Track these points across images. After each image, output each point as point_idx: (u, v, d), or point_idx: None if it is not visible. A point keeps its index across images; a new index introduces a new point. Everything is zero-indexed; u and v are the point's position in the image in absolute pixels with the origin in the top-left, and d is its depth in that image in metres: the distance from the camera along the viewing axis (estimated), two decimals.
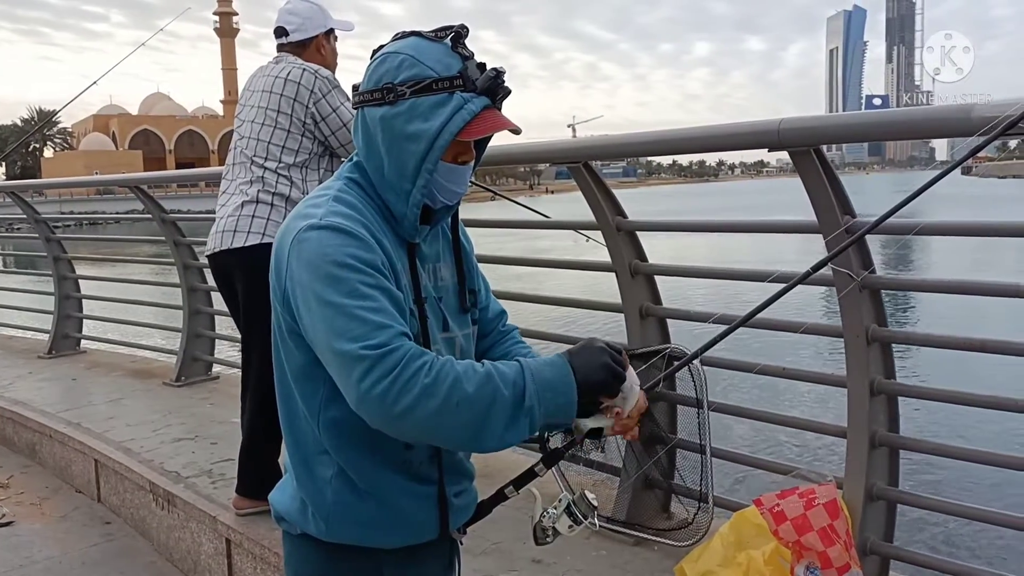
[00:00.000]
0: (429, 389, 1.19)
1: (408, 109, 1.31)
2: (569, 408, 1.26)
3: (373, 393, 1.18)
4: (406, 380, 1.18)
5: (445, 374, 1.21)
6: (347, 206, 1.33)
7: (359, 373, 1.19)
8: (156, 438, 4.34)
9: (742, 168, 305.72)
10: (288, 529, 1.49)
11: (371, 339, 1.20)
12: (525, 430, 1.24)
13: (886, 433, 2.52)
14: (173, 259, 5.58)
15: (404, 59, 1.32)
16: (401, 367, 1.19)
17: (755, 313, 1.75)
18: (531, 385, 1.24)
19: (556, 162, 2.99)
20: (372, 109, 1.34)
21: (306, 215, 1.32)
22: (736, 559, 2.45)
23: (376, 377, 1.18)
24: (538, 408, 1.23)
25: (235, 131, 3.30)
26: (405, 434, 1.25)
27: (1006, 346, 2.25)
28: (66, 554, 3.76)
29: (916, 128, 2.03)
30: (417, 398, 1.18)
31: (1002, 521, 2.52)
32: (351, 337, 1.20)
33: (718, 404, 2.91)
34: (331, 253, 1.26)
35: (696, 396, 2.89)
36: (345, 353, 1.21)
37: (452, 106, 1.30)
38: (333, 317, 1.23)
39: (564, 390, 1.26)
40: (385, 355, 1.19)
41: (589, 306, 3.75)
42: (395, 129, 1.32)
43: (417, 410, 1.19)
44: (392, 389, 1.18)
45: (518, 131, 1.38)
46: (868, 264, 2.37)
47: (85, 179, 7.52)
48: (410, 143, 1.31)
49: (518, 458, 3.62)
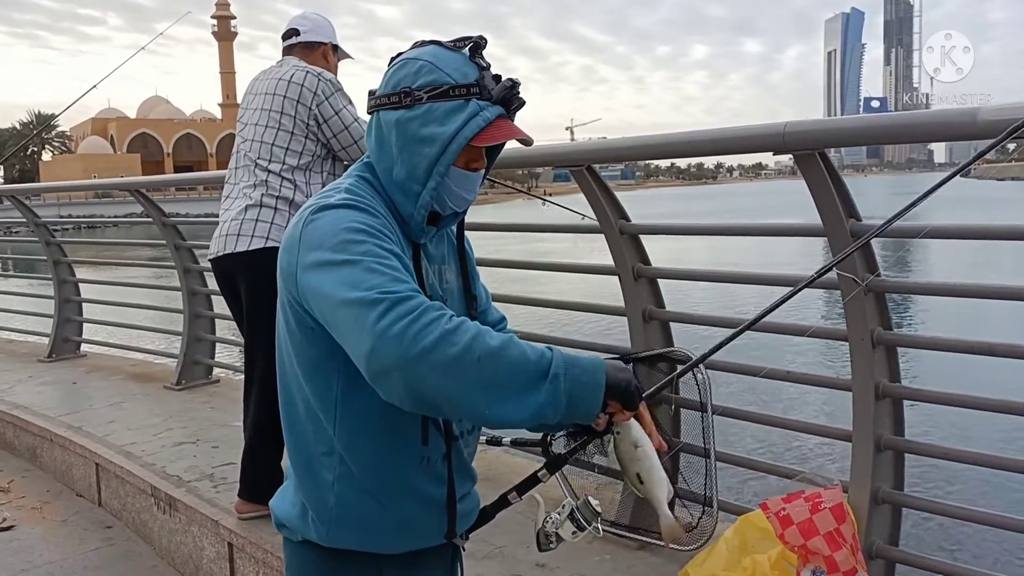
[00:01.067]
0: (451, 335, 1.14)
1: (424, 113, 1.32)
2: (595, 391, 1.21)
3: (391, 332, 1.12)
4: (426, 323, 1.14)
5: (467, 326, 1.17)
6: (358, 195, 1.34)
7: (376, 314, 1.14)
8: (157, 442, 4.33)
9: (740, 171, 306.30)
10: (289, 536, 1.49)
11: (388, 287, 1.17)
12: (548, 402, 1.17)
13: (891, 436, 2.51)
14: (173, 262, 5.57)
15: (423, 65, 1.33)
16: (421, 311, 1.15)
17: (762, 316, 1.75)
18: (558, 358, 1.20)
19: (559, 165, 2.99)
20: (388, 112, 1.35)
21: (316, 202, 1.33)
22: (741, 563, 2.44)
23: (394, 317, 1.13)
24: (563, 381, 1.17)
25: (238, 134, 3.30)
26: (420, 387, 1.13)
27: (1016, 350, 2.25)
28: (67, 559, 3.74)
29: (920, 131, 2.02)
30: (437, 341, 1.13)
31: (1008, 524, 2.51)
32: (367, 287, 1.17)
33: (722, 408, 2.90)
34: (345, 223, 1.26)
35: (700, 400, 2.88)
36: (361, 299, 1.16)
37: (468, 112, 1.31)
38: (348, 274, 1.20)
39: (592, 371, 1.21)
40: (403, 299, 1.16)
41: (592, 309, 3.74)
42: (409, 132, 1.33)
43: (437, 355, 1.12)
44: (411, 328, 1.13)
45: (530, 142, 1.39)
46: (873, 267, 2.37)
47: (85, 183, 7.53)
48: (424, 146, 1.32)
49: (521, 462, 3.62)
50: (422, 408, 1.19)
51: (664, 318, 3.09)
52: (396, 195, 1.37)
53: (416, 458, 1.39)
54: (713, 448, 2.81)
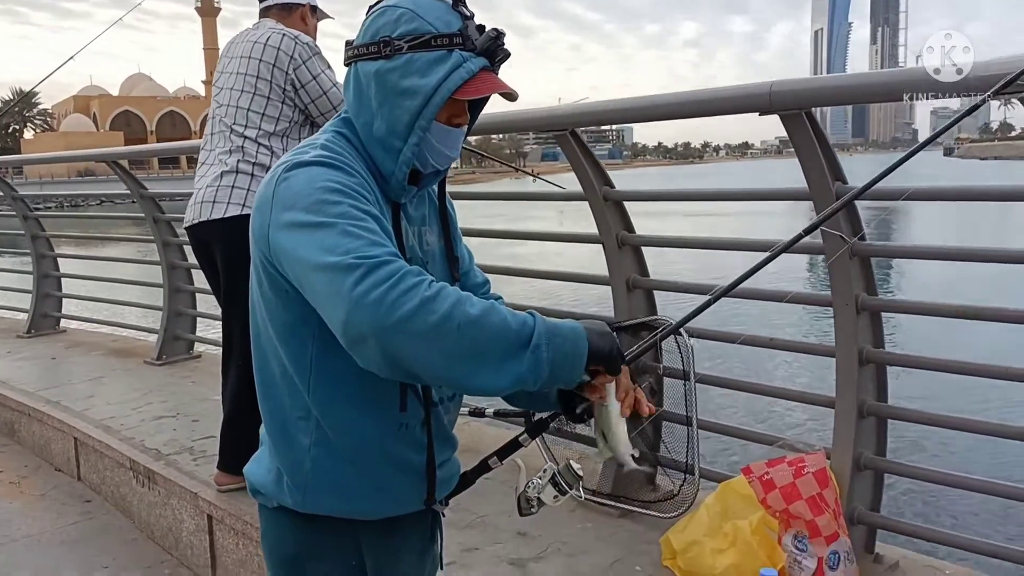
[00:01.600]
0: (430, 303, 1.08)
1: (404, 64, 1.26)
2: (578, 358, 1.17)
3: (368, 298, 1.07)
4: (405, 290, 1.08)
5: (447, 293, 1.11)
6: (334, 152, 1.28)
7: (353, 279, 1.08)
8: (136, 416, 4.28)
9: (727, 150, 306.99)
10: (264, 502, 1.44)
11: (365, 251, 1.11)
12: (529, 370, 1.13)
13: (874, 402, 2.50)
14: (152, 236, 5.49)
15: (403, 13, 1.26)
16: (399, 276, 1.09)
17: (742, 280, 1.71)
18: (540, 326, 1.15)
19: (542, 130, 2.93)
20: (366, 63, 1.29)
21: (290, 159, 1.27)
22: (722, 529, 2.43)
23: (372, 283, 1.08)
24: (545, 350, 1.13)
25: (213, 99, 3.22)
26: (398, 355, 1.09)
27: (1001, 313, 2.23)
28: (45, 532, 3.70)
29: (908, 88, 1.98)
30: (415, 309, 1.07)
31: (989, 489, 2.52)
32: (343, 251, 1.11)
33: (704, 375, 2.88)
34: (319, 181, 1.20)
35: (683, 368, 2.86)
36: (336, 264, 1.10)
37: (450, 64, 1.25)
38: (323, 236, 1.14)
39: (574, 339, 1.17)
40: (381, 264, 1.10)
41: (576, 279, 3.71)
42: (389, 84, 1.27)
43: (415, 323, 1.07)
44: (389, 295, 1.07)
45: (515, 96, 1.32)
46: (858, 231, 2.34)
47: (60, 154, 7.38)
48: (404, 99, 1.26)
49: (505, 434, 3.59)
50: (400, 376, 1.14)
51: (648, 286, 3.06)
52: (376, 151, 1.31)
53: (394, 424, 1.35)
54: (695, 416, 2.80)
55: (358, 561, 1.44)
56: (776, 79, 2.21)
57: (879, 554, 2.51)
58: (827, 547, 2.22)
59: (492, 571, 2.58)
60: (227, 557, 3.17)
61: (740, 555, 2.34)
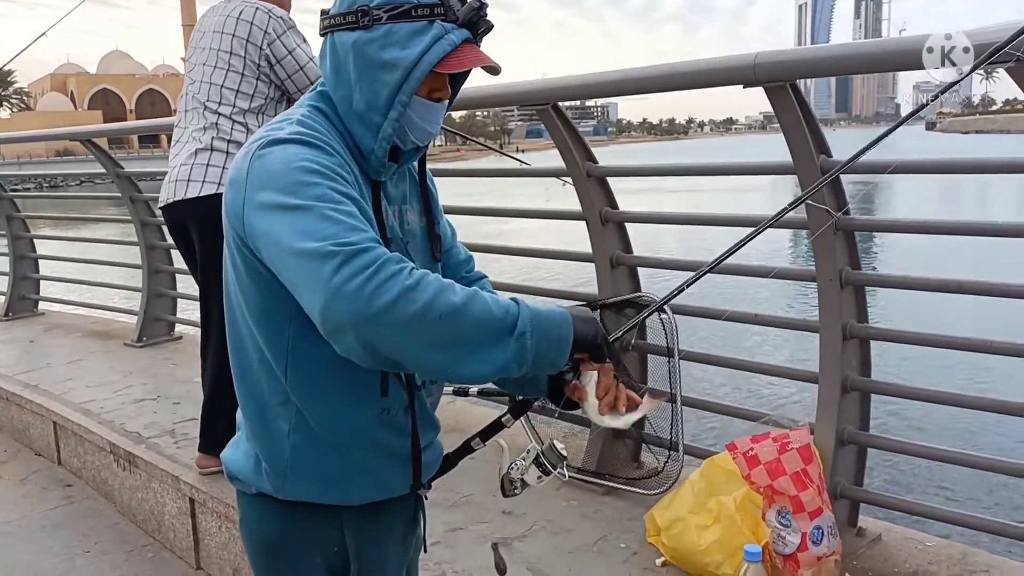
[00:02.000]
0: (410, 292, 1.05)
1: (384, 35, 1.20)
2: (563, 344, 1.15)
3: (346, 289, 1.03)
4: (384, 279, 1.04)
5: (428, 281, 1.08)
6: (311, 129, 1.23)
7: (331, 268, 1.04)
8: (117, 399, 4.23)
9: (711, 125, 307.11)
10: (242, 488, 1.41)
11: (343, 237, 1.07)
12: (513, 358, 1.10)
13: (858, 377, 2.49)
14: (130, 216, 5.41)
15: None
16: (378, 265, 1.05)
17: (727, 255, 1.68)
18: (525, 313, 1.12)
19: (524, 104, 2.88)
20: (343, 34, 1.24)
21: (265, 135, 1.21)
22: (706, 505, 2.43)
23: (350, 272, 1.04)
24: (530, 336, 1.11)
25: (187, 75, 3.15)
26: (379, 345, 1.06)
27: (984, 287, 2.22)
28: (25, 517, 3.66)
29: (893, 59, 1.95)
30: (396, 299, 1.04)
31: (971, 462, 2.53)
32: (320, 236, 1.07)
33: (688, 352, 2.86)
34: (296, 161, 1.15)
35: (667, 345, 2.85)
36: (313, 251, 1.06)
37: (432, 35, 1.20)
38: (299, 220, 1.09)
39: (559, 324, 1.15)
40: (360, 252, 1.06)
41: (559, 256, 3.67)
42: (368, 56, 1.22)
43: (396, 313, 1.04)
44: (368, 285, 1.03)
45: (498, 69, 1.27)
46: (843, 205, 2.32)
47: (33, 133, 7.23)
48: (384, 72, 1.21)
49: (490, 413, 3.58)
50: (381, 365, 1.11)
51: (632, 263, 3.03)
52: (355, 127, 1.26)
53: (375, 409, 1.31)
54: (680, 392, 2.78)
55: (340, 546, 1.41)
56: (761, 50, 2.17)
57: (862, 528, 2.52)
58: (811, 522, 2.21)
59: (477, 550, 2.56)
60: (210, 540, 3.15)
61: (724, 531, 2.34)
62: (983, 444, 5.70)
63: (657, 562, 2.45)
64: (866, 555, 2.41)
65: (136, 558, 3.34)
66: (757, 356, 7.08)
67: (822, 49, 2.18)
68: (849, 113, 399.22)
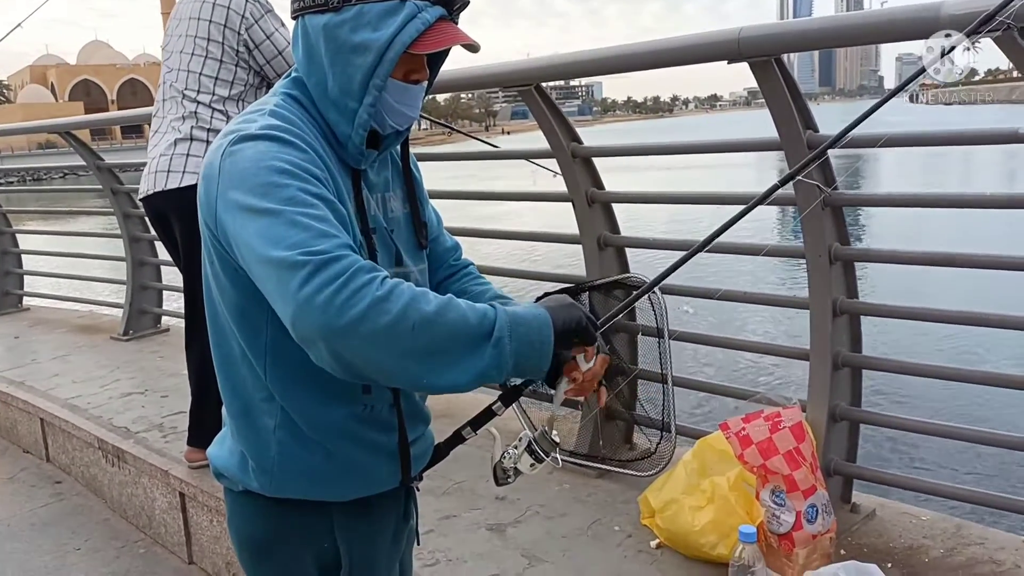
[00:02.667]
0: (381, 303, 1.01)
1: (354, 16, 1.16)
2: (544, 347, 1.11)
3: (315, 301, 1.00)
4: (355, 290, 1.01)
5: (401, 291, 1.04)
6: (285, 121, 1.18)
7: (299, 280, 1.01)
8: (104, 394, 4.19)
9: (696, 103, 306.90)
10: (229, 485, 1.37)
11: (313, 245, 1.04)
12: (492, 365, 1.07)
13: (849, 353, 2.48)
14: (112, 208, 5.34)
15: None
16: (349, 275, 1.02)
17: (717, 235, 1.65)
18: (502, 318, 1.09)
19: (507, 86, 2.84)
20: (313, 17, 1.19)
21: (238, 129, 1.17)
22: (700, 486, 2.42)
23: (319, 283, 1.01)
24: (508, 341, 1.07)
25: (164, 63, 3.09)
26: (349, 359, 1.04)
27: (973, 259, 2.21)
28: (15, 515, 3.63)
29: (881, 30, 1.92)
30: (367, 310, 1.01)
31: (963, 436, 2.53)
32: (289, 244, 1.04)
33: (678, 332, 2.85)
34: (266, 160, 1.11)
35: (656, 325, 2.83)
36: (281, 260, 1.03)
37: (404, 14, 1.15)
38: (268, 225, 1.06)
39: (538, 326, 1.11)
40: (329, 261, 1.02)
41: (546, 239, 3.64)
42: (339, 39, 1.17)
43: (366, 325, 1.01)
44: (338, 297, 1.00)
45: (476, 47, 1.23)
46: (831, 181, 2.30)
47: (10, 126, 7.14)
48: (356, 55, 1.17)
49: (481, 398, 3.55)
50: (354, 378, 1.07)
51: (619, 244, 3.01)
52: (330, 113, 1.22)
53: (358, 407, 1.28)
54: (671, 373, 2.77)
55: (330, 543, 1.38)
56: (745, 25, 2.14)
57: (856, 504, 2.52)
58: (805, 501, 2.20)
59: (470, 537, 2.55)
60: (201, 534, 3.12)
61: (718, 511, 2.33)
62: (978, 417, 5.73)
63: (652, 544, 2.44)
64: (861, 531, 2.41)
65: (128, 554, 3.31)
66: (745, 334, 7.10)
67: (807, 22, 2.15)
68: (833, 87, 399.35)
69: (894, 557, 2.27)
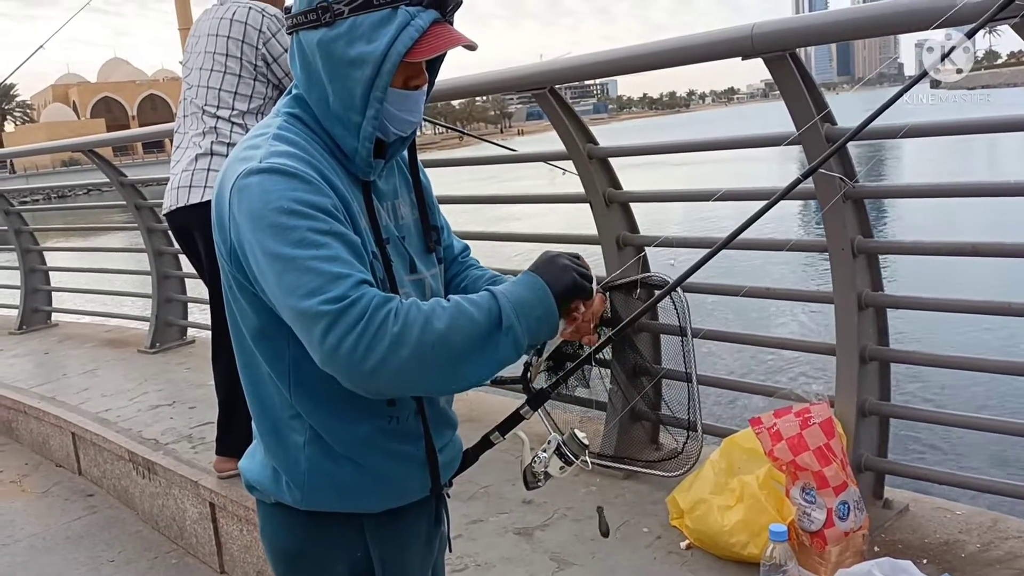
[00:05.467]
0: (399, 338, 1.07)
1: (348, 30, 1.16)
2: (550, 318, 1.18)
3: (340, 351, 1.07)
4: (373, 333, 1.07)
5: (413, 318, 1.09)
6: (289, 144, 1.19)
7: (320, 331, 1.07)
8: (133, 407, 4.24)
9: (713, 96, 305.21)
10: (261, 498, 1.39)
11: (328, 292, 1.08)
12: (510, 351, 1.14)
13: (876, 347, 2.45)
14: (136, 223, 5.40)
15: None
16: (366, 320, 1.07)
17: (738, 233, 1.63)
18: (506, 305, 1.14)
19: (520, 90, 2.84)
20: (308, 33, 1.19)
21: (245, 158, 1.18)
22: (728, 485, 2.40)
23: (340, 333, 1.07)
24: (519, 325, 1.14)
25: (184, 80, 3.12)
26: (382, 391, 1.13)
27: (999, 248, 2.17)
28: (49, 529, 3.68)
29: (897, 22, 1.90)
30: (388, 350, 1.07)
31: (995, 427, 2.48)
32: (306, 292, 1.08)
33: (702, 330, 2.83)
34: (274, 200, 1.12)
35: (679, 324, 2.81)
36: (303, 311, 1.09)
37: (397, 23, 1.15)
38: (283, 272, 1.10)
39: (540, 301, 1.17)
40: (346, 308, 1.07)
41: (564, 240, 3.64)
42: (336, 54, 1.17)
43: (390, 362, 1.08)
44: (360, 345, 1.06)
45: (474, 47, 1.22)
46: (851, 174, 2.27)
47: (34, 147, 7.25)
48: (354, 69, 1.17)
49: (503, 400, 3.56)
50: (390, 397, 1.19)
51: (638, 243, 2.99)
52: (335, 128, 1.23)
53: (383, 419, 1.29)
54: (695, 372, 2.75)
55: (363, 552, 1.38)
56: (758, 20, 2.12)
57: (888, 499, 2.48)
58: (836, 497, 2.18)
59: (498, 542, 2.55)
60: (232, 544, 3.15)
61: (748, 510, 2.31)
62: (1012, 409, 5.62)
63: (681, 545, 2.42)
64: (894, 527, 2.38)
65: (160, 565, 3.35)
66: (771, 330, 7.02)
67: (820, 16, 2.12)
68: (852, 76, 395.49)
69: (929, 553, 2.24)
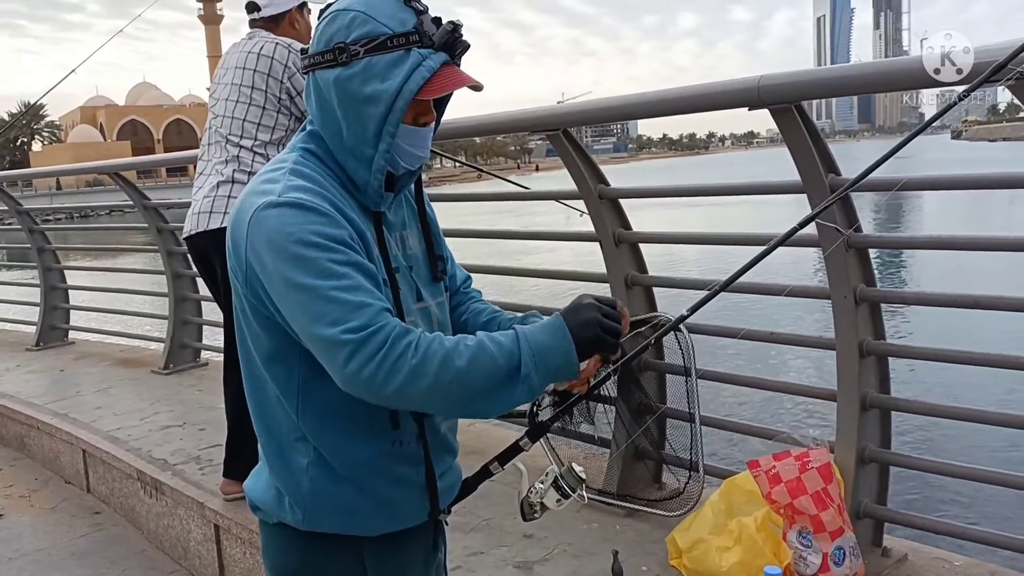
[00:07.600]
0: (417, 369, 1.15)
1: (363, 69, 1.24)
2: (569, 367, 1.22)
3: (360, 377, 1.15)
4: (393, 362, 1.15)
5: (433, 352, 1.17)
6: (306, 179, 1.26)
7: (343, 358, 1.15)
8: (144, 426, 4.30)
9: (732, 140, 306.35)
10: (264, 518, 1.44)
11: (351, 321, 1.15)
12: (524, 397, 1.21)
13: (877, 395, 2.47)
14: (156, 246, 5.51)
15: (355, 16, 1.24)
16: (387, 349, 1.15)
17: (740, 274, 1.68)
18: (526, 352, 1.20)
19: (534, 130, 2.93)
20: (324, 72, 1.27)
21: (263, 191, 1.25)
22: (727, 526, 2.42)
23: (361, 361, 1.15)
24: (535, 375, 1.20)
25: (210, 110, 3.23)
26: (400, 408, 1.28)
27: (999, 301, 2.20)
28: (55, 545, 3.72)
29: (897, 79, 1.96)
30: (406, 379, 1.15)
31: (996, 479, 2.49)
32: (330, 321, 1.16)
33: (706, 371, 2.86)
34: (294, 232, 1.19)
35: (684, 364, 2.85)
36: (327, 339, 1.16)
37: (409, 64, 1.23)
38: (308, 302, 1.17)
39: (561, 350, 1.21)
40: (368, 337, 1.15)
41: (574, 277, 3.69)
42: (351, 92, 1.25)
43: (408, 390, 1.16)
44: (379, 372, 1.15)
45: (480, 87, 1.30)
46: (854, 222, 2.32)
47: (63, 168, 7.43)
48: (368, 106, 1.25)
49: (509, 434, 3.59)
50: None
51: (647, 283, 3.05)
52: (348, 161, 1.30)
53: (387, 442, 1.34)
54: (698, 412, 2.78)
55: (361, 574, 1.43)
56: (766, 72, 2.19)
57: (887, 547, 2.49)
58: (832, 542, 2.20)
59: (497, 575, 2.57)
60: (235, 566, 3.18)
61: (746, 552, 2.32)
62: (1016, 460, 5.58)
63: None
64: (892, 575, 2.39)
65: None
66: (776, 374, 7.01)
67: (826, 71, 2.19)
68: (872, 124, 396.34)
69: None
